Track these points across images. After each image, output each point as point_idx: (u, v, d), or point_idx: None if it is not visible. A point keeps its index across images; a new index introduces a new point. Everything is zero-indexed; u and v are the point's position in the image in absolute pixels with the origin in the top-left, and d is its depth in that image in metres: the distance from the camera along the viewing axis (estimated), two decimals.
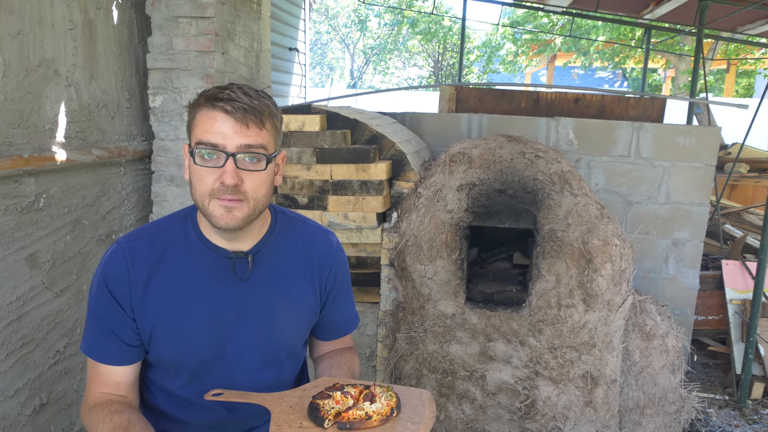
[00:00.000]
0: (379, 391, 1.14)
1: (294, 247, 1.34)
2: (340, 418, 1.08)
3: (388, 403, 1.11)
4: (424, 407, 1.15)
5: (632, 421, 2.53)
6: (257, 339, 1.28)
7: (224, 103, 1.12)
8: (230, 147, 1.13)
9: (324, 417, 1.08)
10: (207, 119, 1.14)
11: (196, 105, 1.17)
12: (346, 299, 1.46)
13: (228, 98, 1.12)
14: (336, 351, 1.47)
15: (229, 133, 1.12)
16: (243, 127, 1.13)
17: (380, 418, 1.08)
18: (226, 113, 1.12)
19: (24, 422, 2.09)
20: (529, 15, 14.01)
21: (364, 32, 23.71)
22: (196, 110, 1.17)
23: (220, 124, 1.13)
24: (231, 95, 1.13)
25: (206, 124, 1.14)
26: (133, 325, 1.23)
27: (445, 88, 3.62)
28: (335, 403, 1.11)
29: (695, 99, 5.03)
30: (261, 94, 1.18)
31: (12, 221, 1.97)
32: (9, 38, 1.91)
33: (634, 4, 5.56)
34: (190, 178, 1.19)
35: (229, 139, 1.13)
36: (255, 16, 3.06)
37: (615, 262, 2.28)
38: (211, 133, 1.13)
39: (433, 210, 2.42)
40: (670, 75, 13.59)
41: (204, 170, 1.15)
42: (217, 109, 1.13)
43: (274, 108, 1.20)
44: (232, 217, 1.16)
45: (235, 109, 1.12)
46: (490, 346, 2.41)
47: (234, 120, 1.12)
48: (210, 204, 1.16)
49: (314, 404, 1.12)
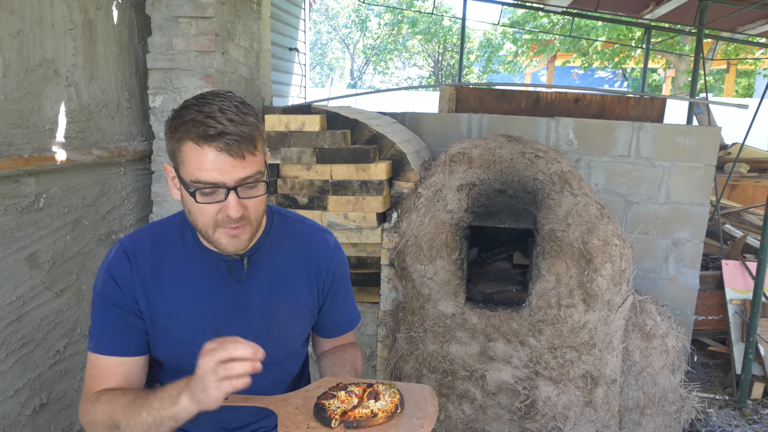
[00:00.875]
0: (382, 388, 1.16)
1: (291, 248, 1.34)
2: (347, 417, 1.09)
3: (392, 400, 1.13)
4: (426, 402, 1.17)
5: (632, 421, 2.53)
6: (255, 340, 1.28)
7: (216, 141, 1.06)
8: (229, 182, 1.09)
9: (331, 417, 1.09)
10: (198, 156, 1.08)
11: (179, 136, 1.10)
12: (345, 298, 1.46)
13: (218, 134, 1.06)
14: (338, 348, 1.47)
15: (226, 169, 1.08)
16: (240, 161, 1.09)
17: (385, 415, 1.10)
18: (220, 151, 1.07)
19: (24, 422, 2.09)
20: (529, 15, 14.01)
21: (364, 32, 23.71)
22: (181, 142, 1.10)
23: (215, 162, 1.08)
24: (219, 128, 1.06)
25: (198, 161, 1.08)
26: (141, 314, 1.24)
27: (445, 88, 3.62)
28: (340, 403, 1.13)
29: (695, 99, 5.03)
30: (243, 109, 1.11)
31: (12, 221, 1.97)
32: (9, 38, 1.91)
33: (634, 4, 5.56)
34: (189, 209, 1.16)
35: (227, 174, 1.09)
36: (255, 16, 3.06)
37: (615, 262, 2.28)
38: (206, 171, 1.08)
39: (433, 210, 2.42)
40: (670, 75, 13.59)
41: (203, 204, 1.12)
42: (208, 147, 1.07)
43: (258, 120, 1.14)
44: (240, 242, 1.17)
45: (229, 144, 1.07)
46: (490, 346, 2.41)
47: (228, 155, 1.08)
48: (215, 233, 1.16)
49: (320, 404, 1.13)
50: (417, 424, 1.10)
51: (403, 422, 1.11)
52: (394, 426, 1.09)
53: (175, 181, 1.18)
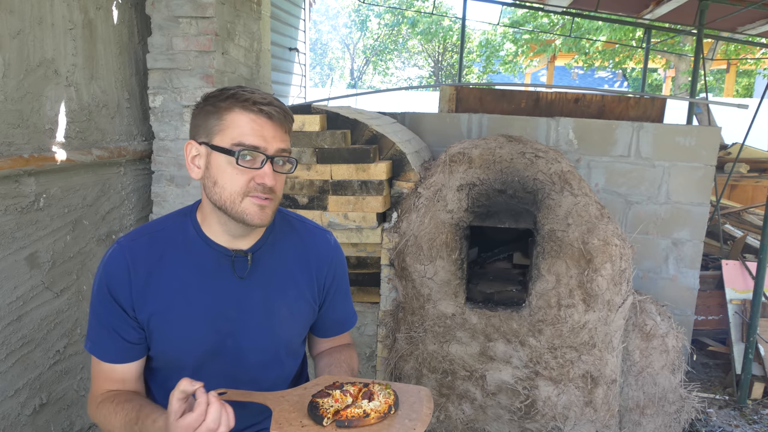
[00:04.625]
0: (377, 389, 1.16)
1: (293, 247, 1.35)
2: (339, 416, 1.09)
3: (386, 401, 1.13)
4: (422, 404, 1.16)
5: (632, 421, 2.53)
6: (257, 336, 1.30)
7: (265, 106, 1.16)
8: (270, 150, 1.17)
9: (323, 415, 1.09)
10: (246, 121, 1.16)
11: (226, 105, 1.17)
12: (344, 298, 1.47)
13: (267, 102, 1.16)
14: (335, 348, 1.48)
15: (269, 137, 1.16)
16: (281, 132, 1.18)
17: (378, 415, 1.10)
18: (268, 117, 1.16)
19: (24, 422, 2.09)
20: (529, 15, 14.01)
21: (364, 32, 23.71)
22: (228, 110, 1.17)
23: (261, 128, 1.16)
24: (269, 99, 1.17)
25: (245, 126, 1.16)
26: (134, 323, 1.24)
27: (445, 88, 3.62)
28: (334, 401, 1.13)
29: (695, 99, 5.03)
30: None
31: (12, 221, 1.97)
32: (9, 38, 1.92)
33: (634, 4, 5.56)
34: (216, 179, 1.19)
35: (269, 142, 1.16)
36: (255, 16, 3.06)
37: (615, 262, 2.28)
38: (252, 136, 1.15)
39: (433, 210, 2.42)
40: (670, 75, 13.59)
41: (237, 170, 1.17)
42: (256, 112, 1.16)
43: None
44: (265, 214, 1.20)
45: (276, 114, 1.16)
46: (490, 346, 2.41)
47: (273, 124, 1.17)
48: (243, 202, 1.18)
49: (314, 403, 1.13)
50: (409, 426, 1.09)
51: (396, 423, 1.10)
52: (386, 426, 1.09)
53: (196, 158, 1.21)
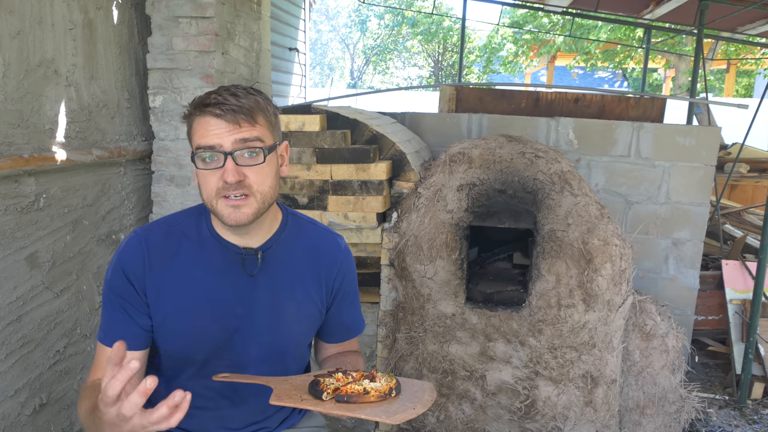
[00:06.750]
0: (380, 375, 1.17)
1: (303, 248, 1.36)
2: (339, 392, 1.11)
3: (388, 384, 1.14)
4: (424, 393, 1.17)
5: (632, 421, 2.53)
6: (264, 333, 1.31)
7: (213, 107, 1.16)
8: (226, 146, 1.16)
9: (323, 390, 1.11)
10: (201, 125, 1.18)
11: (190, 115, 1.21)
12: (352, 302, 1.47)
13: (216, 102, 1.16)
14: (341, 353, 1.48)
15: (222, 133, 1.16)
16: (235, 126, 1.17)
17: (378, 394, 1.11)
18: (216, 117, 1.16)
19: (24, 422, 2.09)
20: (529, 15, 14.01)
21: (364, 32, 23.72)
22: (191, 119, 1.21)
23: (213, 127, 1.17)
24: (218, 99, 1.17)
25: (201, 129, 1.18)
26: (145, 309, 1.25)
27: (445, 88, 3.62)
28: (335, 381, 1.15)
29: (695, 99, 5.03)
30: (250, 91, 1.21)
31: (12, 221, 1.97)
32: (9, 38, 1.92)
33: (634, 4, 5.56)
34: (198, 183, 1.23)
35: (224, 138, 1.16)
36: (255, 16, 3.06)
37: (615, 262, 2.28)
38: (206, 137, 1.17)
39: (433, 210, 2.43)
40: (671, 75, 13.59)
41: (207, 173, 1.18)
42: (207, 114, 1.17)
43: (264, 102, 1.22)
44: (241, 214, 1.19)
45: (225, 111, 1.16)
46: (490, 346, 2.41)
47: (225, 122, 1.16)
48: (218, 204, 1.19)
49: (315, 380, 1.15)
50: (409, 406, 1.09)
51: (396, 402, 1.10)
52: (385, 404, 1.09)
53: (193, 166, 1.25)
